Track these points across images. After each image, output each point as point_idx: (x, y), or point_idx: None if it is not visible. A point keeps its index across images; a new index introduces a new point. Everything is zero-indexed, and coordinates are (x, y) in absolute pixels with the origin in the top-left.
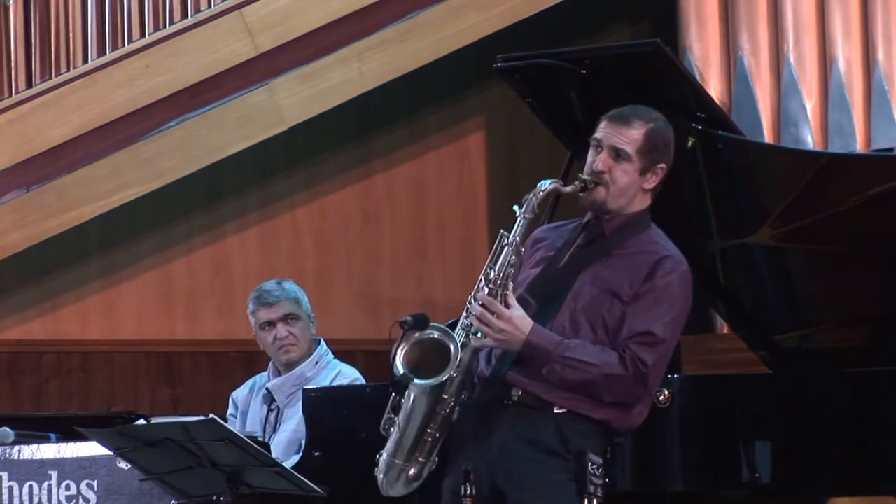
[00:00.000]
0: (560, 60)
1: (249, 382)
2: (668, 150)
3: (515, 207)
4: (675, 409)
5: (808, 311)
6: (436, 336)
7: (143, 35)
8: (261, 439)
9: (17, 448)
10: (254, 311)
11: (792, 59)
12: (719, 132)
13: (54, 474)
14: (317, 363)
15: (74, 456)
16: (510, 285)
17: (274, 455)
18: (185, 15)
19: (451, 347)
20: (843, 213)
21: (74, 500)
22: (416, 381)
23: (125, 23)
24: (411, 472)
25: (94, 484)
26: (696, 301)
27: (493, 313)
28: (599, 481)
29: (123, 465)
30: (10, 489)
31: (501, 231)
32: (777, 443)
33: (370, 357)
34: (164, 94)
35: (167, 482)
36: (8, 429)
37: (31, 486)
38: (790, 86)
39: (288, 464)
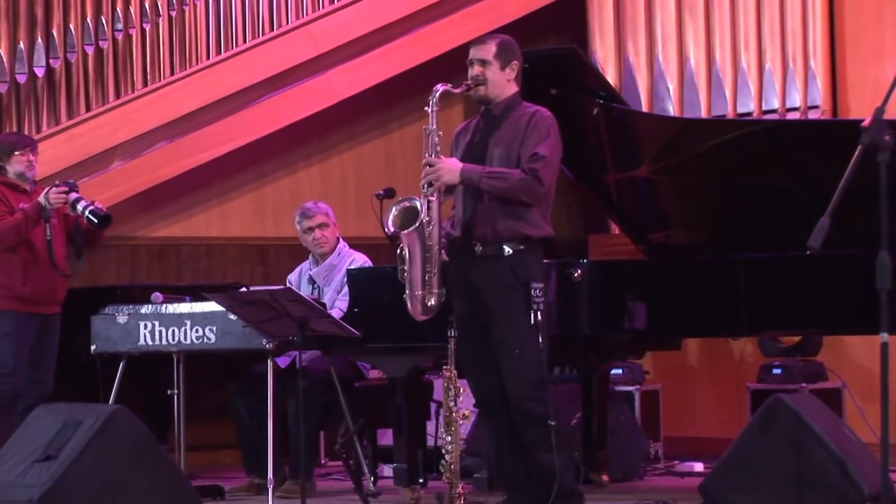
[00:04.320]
0: None
1: (297, 269)
2: (515, 52)
3: (426, 108)
4: (585, 282)
5: (669, 219)
6: (407, 205)
7: (244, 41)
8: (323, 301)
9: (164, 306)
10: (299, 222)
11: (661, 58)
12: (614, 105)
13: (188, 322)
14: (339, 254)
15: (201, 311)
16: (439, 151)
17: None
18: (271, 28)
19: (417, 204)
20: (692, 157)
21: (201, 339)
22: (403, 231)
23: (233, 33)
24: (431, 301)
25: (214, 328)
26: (597, 213)
27: (434, 166)
28: (540, 298)
29: (232, 317)
30: (161, 332)
31: (424, 126)
32: (649, 304)
33: (392, 248)
34: (259, 79)
35: (260, 327)
36: (159, 293)
37: (173, 330)
38: (659, 76)
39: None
